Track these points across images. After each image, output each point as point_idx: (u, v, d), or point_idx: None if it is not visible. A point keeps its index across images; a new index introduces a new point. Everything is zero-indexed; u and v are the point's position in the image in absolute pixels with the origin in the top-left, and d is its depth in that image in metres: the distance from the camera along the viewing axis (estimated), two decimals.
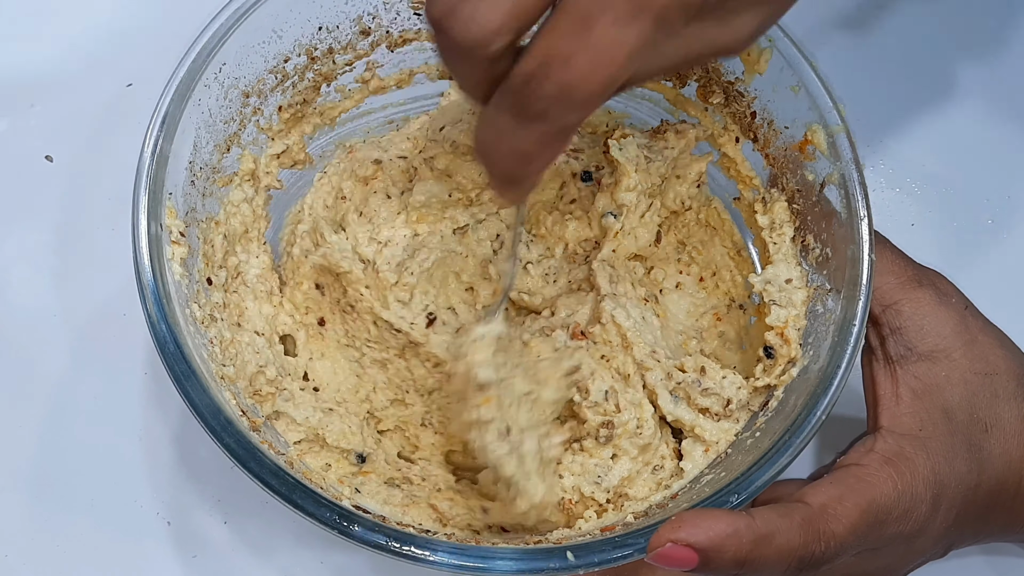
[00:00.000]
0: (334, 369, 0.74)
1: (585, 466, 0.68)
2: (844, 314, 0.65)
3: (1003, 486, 0.66)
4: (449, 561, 0.58)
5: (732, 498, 0.60)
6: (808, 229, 0.71)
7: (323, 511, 0.58)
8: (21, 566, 0.77)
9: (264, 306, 0.73)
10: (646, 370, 0.69)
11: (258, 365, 0.69)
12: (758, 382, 0.69)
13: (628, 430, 0.68)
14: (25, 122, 0.90)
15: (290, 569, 0.78)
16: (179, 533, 0.78)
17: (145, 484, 0.79)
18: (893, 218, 0.89)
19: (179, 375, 0.60)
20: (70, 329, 0.83)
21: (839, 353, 0.64)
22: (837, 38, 0.96)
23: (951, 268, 0.72)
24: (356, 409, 0.73)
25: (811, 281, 0.70)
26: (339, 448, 0.70)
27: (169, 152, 0.65)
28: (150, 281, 0.62)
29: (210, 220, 0.70)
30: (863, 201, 0.67)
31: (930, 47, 0.97)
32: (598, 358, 0.70)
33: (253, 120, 0.73)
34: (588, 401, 0.68)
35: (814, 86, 0.69)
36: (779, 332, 0.69)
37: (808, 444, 0.62)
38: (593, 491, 0.68)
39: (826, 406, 0.63)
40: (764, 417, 0.67)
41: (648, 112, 0.81)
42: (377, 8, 0.75)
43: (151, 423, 0.81)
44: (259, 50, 0.71)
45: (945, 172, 0.93)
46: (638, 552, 0.58)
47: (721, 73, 0.74)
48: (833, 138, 0.68)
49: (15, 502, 0.78)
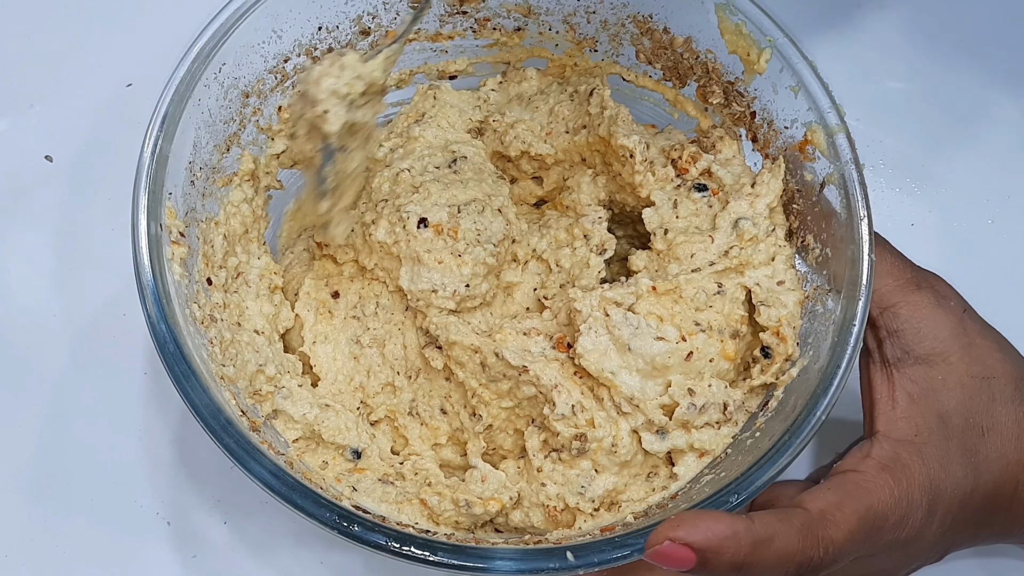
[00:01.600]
0: (334, 354, 0.75)
1: (567, 476, 0.68)
2: (844, 314, 0.65)
3: (999, 490, 0.66)
4: (449, 561, 0.58)
5: (732, 498, 0.60)
6: (808, 229, 0.71)
7: (323, 511, 0.58)
8: (21, 566, 0.77)
9: (265, 305, 0.73)
10: (624, 415, 0.68)
11: (258, 364, 0.69)
12: (755, 381, 0.69)
13: (604, 447, 0.67)
14: (25, 122, 0.90)
15: (290, 569, 0.78)
16: (179, 533, 0.78)
17: (145, 484, 0.79)
18: (893, 218, 0.89)
19: (179, 375, 0.60)
20: (70, 329, 0.83)
21: (839, 353, 0.64)
22: (837, 38, 0.96)
23: (951, 268, 0.72)
24: (350, 401, 0.73)
25: (809, 281, 0.70)
26: (335, 444, 0.70)
27: (169, 152, 0.65)
28: (150, 281, 0.62)
29: (210, 220, 0.71)
30: (863, 201, 0.67)
31: (930, 47, 0.97)
32: (571, 373, 0.69)
33: (253, 120, 0.73)
34: (555, 414, 0.67)
35: (814, 86, 0.69)
36: (775, 331, 0.69)
37: (808, 444, 0.62)
38: (578, 502, 0.67)
39: (826, 406, 0.63)
40: (764, 417, 0.67)
41: (649, 111, 0.81)
42: (377, 8, 0.75)
43: (151, 423, 0.81)
44: (259, 50, 0.71)
45: (945, 172, 0.93)
46: (637, 552, 0.58)
47: (721, 73, 0.74)
48: (833, 138, 0.68)
49: (15, 502, 0.79)
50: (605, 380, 0.68)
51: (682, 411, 0.67)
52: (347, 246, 0.75)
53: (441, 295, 0.71)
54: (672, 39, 0.75)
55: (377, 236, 0.72)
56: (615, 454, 0.67)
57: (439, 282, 0.71)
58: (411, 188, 0.74)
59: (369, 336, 0.75)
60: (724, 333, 0.69)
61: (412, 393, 0.74)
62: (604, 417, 0.68)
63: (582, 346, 0.68)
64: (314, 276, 0.76)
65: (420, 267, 0.71)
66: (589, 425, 0.67)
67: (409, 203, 0.72)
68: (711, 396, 0.67)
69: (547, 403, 0.68)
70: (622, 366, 0.68)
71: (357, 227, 0.74)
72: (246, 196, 0.73)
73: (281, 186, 0.77)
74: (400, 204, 0.72)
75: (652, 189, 0.73)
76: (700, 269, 0.70)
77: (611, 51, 0.78)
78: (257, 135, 0.74)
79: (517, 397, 0.70)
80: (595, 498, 0.67)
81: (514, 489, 0.69)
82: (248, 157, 0.73)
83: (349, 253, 0.75)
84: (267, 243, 0.76)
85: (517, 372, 0.68)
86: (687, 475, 0.68)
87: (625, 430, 0.67)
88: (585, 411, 0.67)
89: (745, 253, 0.70)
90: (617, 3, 0.75)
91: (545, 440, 0.69)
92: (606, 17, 0.76)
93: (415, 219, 0.72)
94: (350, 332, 0.75)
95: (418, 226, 0.71)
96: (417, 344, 0.74)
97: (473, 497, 0.67)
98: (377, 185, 0.75)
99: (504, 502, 0.67)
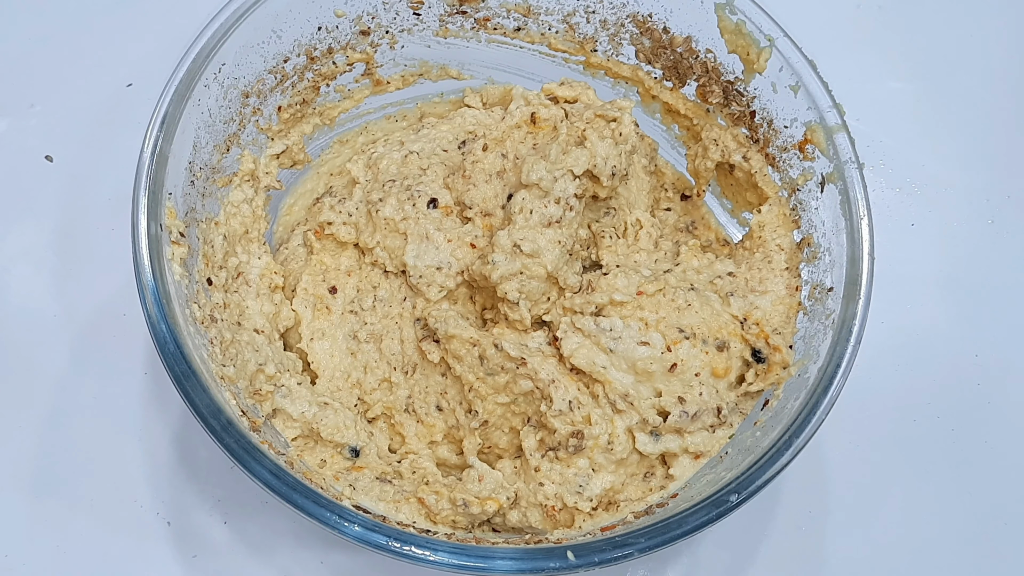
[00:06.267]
0: (331, 350, 0.75)
1: (564, 475, 0.68)
2: (843, 314, 0.65)
3: None
4: (449, 561, 0.58)
5: (732, 497, 0.60)
6: (808, 229, 0.71)
7: (323, 511, 0.58)
8: (21, 566, 0.77)
9: (265, 304, 0.73)
10: (619, 412, 0.69)
11: (258, 363, 0.69)
12: (752, 387, 0.69)
13: (600, 444, 0.68)
14: (25, 122, 0.90)
15: (290, 569, 0.78)
16: (179, 533, 0.78)
17: (145, 484, 0.79)
18: (893, 218, 0.89)
19: (179, 375, 0.60)
20: (70, 329, 0.83)
21: (839, 353, 0.64)
22: (837, 38, 0.96)
23: (951, 268, 0.72)
24: (348, 398, 0.74)
25: (806, 282, 0.70)
26: (333, 442, 0.71)
27: (169, 152, 0.65)
28: (150, 281, 0.62)
29: (210, 220, 0.71)
30: (863, 201, 0.67)
31: (930, 47, 0.97)
32: (567, 369, 0.70)
33: (253, 120, 0.73)
34: (552, 410, 0.68)
35: (814, 85, 0.69)
36: (764, 337, 0.69)
37: (808, 444, 0.62)
38: (576, 501, 0.68)
39: (826, 406, 0.63)
40: (764, 416, 0.67)
41: (648, 107, 0.81)
42: (376, 8, 0.75)
43: (151, 423, 0.81)
44: (258, 50, 0.71)
45: (945, 172, 0.93)
46: (638, 552, 0.58)
47: (721, 73, 0.74)
48: (832, 138, 0.68)
49: (15, 502, 0.79)
50: (598, 375, 0.68)
51: (674, 418, 0.68)
52: (350, 224, 0.76)
53: (445, 273, 0.73)
54: (672, 39, 0.75)
55: (384, 212, 0.74)
56: (611, 452, 0.67)
57: (445, 260, 0.73)
58: (419, 170, 0.76)
59: (366, 331, 0.75)
60: (709, 344, 0.69)
61: (408, 389, 0.74)
62: (600, 415, 0.68)
63: (566, 347, 0.69)
64: (311, 272, 0.76)
65: (427, 244, 0.73)
66: (585, 422, 0.67)
67: (419, 183, 0.75)
68: (703, 403, 0.68)
69: (544, 399, 0.68)
70: (611, 363, 0.69)
71: (361, 206, 0.76)
72: (246, 196, 0.73)
73: (281, 186, 0.77)
74: (409, 184, 0.75)
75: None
76: (671, 271, 0.73)
77: (611, 51, 0.78)
78: (257, 135, 0.74)
79: (514, 392, 0.70)
80: (593, 497, 0.68)
81: (511, 489, 0.69)
82: (248, 157, 0.73)
83: (352, 233, 0.76)
84: (267, 242, 0.76)
85: (515, 365, 0.68)
86: (684, 475, 0.68)
87: (621, 427, 0.68)
88: (582, 407, 0.68)
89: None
90: (617, 2, 0.75)
91: (541, 439, 0.70)
92: (605, 17, 0.76)
93: (426, 199, 0.74)
94: (347, 327, 0.75)
95: (428, 205, 0.74)
96: (414, 338, 0.74)
97: (470, 496, 0.67)
98: (385, 167, 0.76)
99: (501, 502, 0.67)
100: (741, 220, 0.80)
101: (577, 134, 0.72)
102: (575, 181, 0.71)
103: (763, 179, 0.74)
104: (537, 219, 0.70)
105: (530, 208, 0.70)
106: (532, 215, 0.70)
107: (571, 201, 0.71)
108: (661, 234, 0.77)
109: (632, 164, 0.77)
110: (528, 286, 0.70)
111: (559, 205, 0.70)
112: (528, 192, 0.71)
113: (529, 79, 0.82)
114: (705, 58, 0.74)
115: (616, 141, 0.72)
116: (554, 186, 0.70)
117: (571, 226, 0.71)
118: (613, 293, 0.70)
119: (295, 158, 0.77)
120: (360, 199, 0.76)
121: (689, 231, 0.81)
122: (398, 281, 0.75)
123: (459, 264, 0.73)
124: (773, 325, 0.70)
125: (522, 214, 0.70)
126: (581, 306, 0.70)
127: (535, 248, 0.70)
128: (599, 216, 0.77)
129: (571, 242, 0.71)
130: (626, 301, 0.70)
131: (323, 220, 0.76)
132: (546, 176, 0.70)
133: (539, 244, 0.70)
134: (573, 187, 0.71)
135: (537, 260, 0.70)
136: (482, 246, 0.73)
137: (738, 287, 0.72)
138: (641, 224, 0.76)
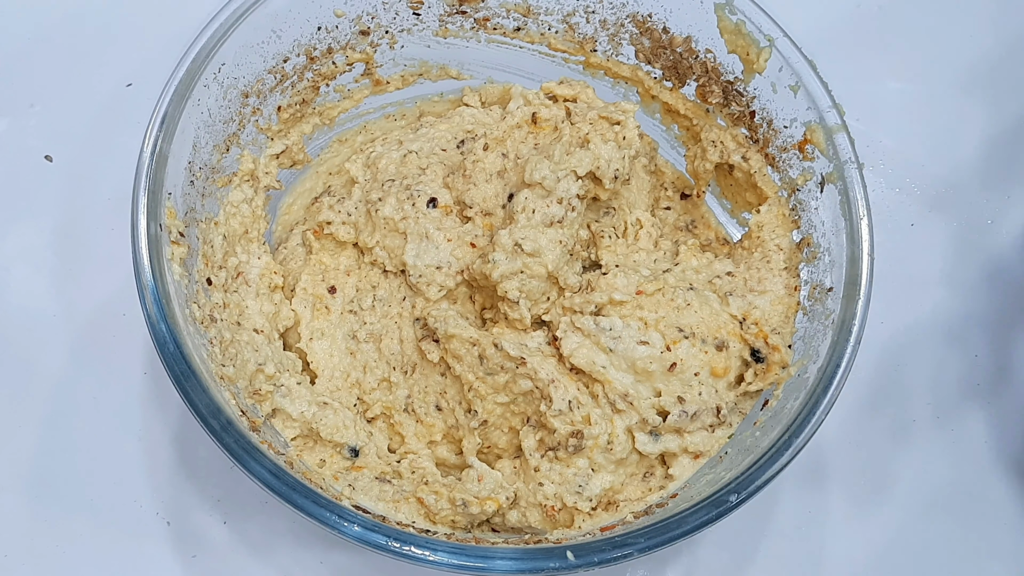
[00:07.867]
0: (331, 350, 0.75)
1: (564, 475, 0.68)
2: (843, 314, 0.65)
3: None
4: (449, 561, 0.58)
5: (731, 497, 0.60)
6: (808, 229, 0.71)
7: (322, 511, 0.58)
8: (21, 566, 0.77)
9: (265, 304, 0.73)
10: (618, 412, 0.69)
11: (257, 363, 0.70)
12: (751, 387, 0.69)
13: (599, 444, 0.68)
14: (25, 122, 0.90)
15: (290, 569, 0.78)
16: (179, 533, 0.78)
17: (145, 484, 0.79)
18: (893, 218, 0.89)
19: (179, 375, 0.60)
20: (70, 329, 0.83)
21: (839, 353, 0.64)
22: (836, 38, 0.96)
23: (951, 268, 0.71)
24: (347, 398, 0.74)
25: (805, 283, 0.70)
26: (333, 442, 0.71)
27: (168, 152, 0.65)
28: (150, 281, 0.62)
29: (210, 220, 0.71)
30: (863, 201, 0.67)
31: (930, 47, 0.97)
32: (567, 369, 0.70)
33: (252, 120, 0.73)
34: (552, 410, 0.68)
35: (813, 85, 0.69)
36: (762, 336, 0.69)
37: (807, 444, 0.62)
38: (576, 501, 0.68)
39: (825, 406, 0.63)
40: (764, 416, 0.67)
41: (648, 108, 0.81)
42: (376, 8, 0.75)
43: (151, 423, 0.81)
44: (258, 50, 0.71)
45: (945, 172, 0.93)
46: (638, 552, 0.58)
47: (720, 73, 0.74)
48: (832, 138, 0.68)
49: (15, 502, 0.79)
50: (598, 375, 0.68)
51: (674, 418, 0.68)
52: (349, 224, 0.76)
53: (445, 272, 0.73)
54: (671, 39, 0.75)
55: (384, 212, 0.74)
56: (611, 452, 0.68)
57: (444, 260, 0.73)
58: (418, 169, 0.76)
59: (366, 331, 0.75)
60: (708, 343, 0.69)
61: (408, 389, 0.74)
62: (600, 414, 0.68)
63: (565, 347, 0.69)
64: (310, 272, 0.76)
65: (427, 243, 0.73)
66: (585, 422, 0.67)
67: (419, 183, 0.75)
68: (702, 403, 0.68)
69: (543, 399, 0.68)
70: (610, 363, 0.69)
71: (361, 205, 0.76)
72: (245, 196, 0.73)
73: (280, 186, 0.77)
74: (409, 184, 0.75)
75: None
76: (669, 270, 0.73)
77: (610, 51, 0.78)
78: (256, 135, 0.74)
79: (513, 392, 0.70)
80: (593, 497, 0.68)
81: (510, 489, 0.69)
82: (248, 157, 0.73)
83: (351, 232, 0.76)
84: (266, 242, 0.76)
85: (515, 364, 0.68)
86: (684, 475, 0.68)
87: (620, 427, 0.68)
88: (581, 407, 0.68)
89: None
90: (616, 3, 0.75)
91: (541, 439, 0.70)
92: (605, 17, 0.76)
93: (425, 198, 0.74)
94: (347, 327, 0.76)
95: (428, 205, 0.74)
96: (414, 338, 0.74)
97: (470, 496, 0.67)
98: (384, 166, 0.76)
99: (501, 502, 0.68)
100: (741, 220, 0.80)
101: (580, 135, 0.72)
102: (578, 182, 0.71)
103: (762, 179, 0.74)
104: (539, 218, 0.70)
105: (532, 207, 0.70)
106: (534, 214, 0.70)
107: (573, 202, 0.71)
108: (661, 233, 0.77)
109: (633, 166, 0.77)
110: (528, 285, 0.70)
111: (561, 205, 0.70)
112: (531, 191, 0.71)
113: (529, 79, 0.82)
114: (705, 58, 0.74)
115: (619, 145, 0.72)
116: (557, 186, 0.70)
117: (572, 226, 0.71)
118: (613, 293, 0.70)
119: (295, 158, 0.77)
120: (359, 198, 0.76)
121: (689, 230, 0.81)
122: (397, 281, 0.75)
123: (459, 263, 0.73)
124: (772, 325, 0.70)
125: (524, 213, 0.70)
126: (581, 306, 0.70)
127: (536, 247, 0.70)
128: (599, 216, 0.77)
129: (572, 242, 0.71)
130: (625, 301, 0.70)
131: (322, 220, 0.76)
132: (549, 176, 0.70)
133: (540, 243, 0.70)
134: (576, 188, 0.71)
135: (538, 259, 0.70)
136: (482, 245, 0.73)
137: (737, 287, 0.72)
138: (641, 224, 0.76)
